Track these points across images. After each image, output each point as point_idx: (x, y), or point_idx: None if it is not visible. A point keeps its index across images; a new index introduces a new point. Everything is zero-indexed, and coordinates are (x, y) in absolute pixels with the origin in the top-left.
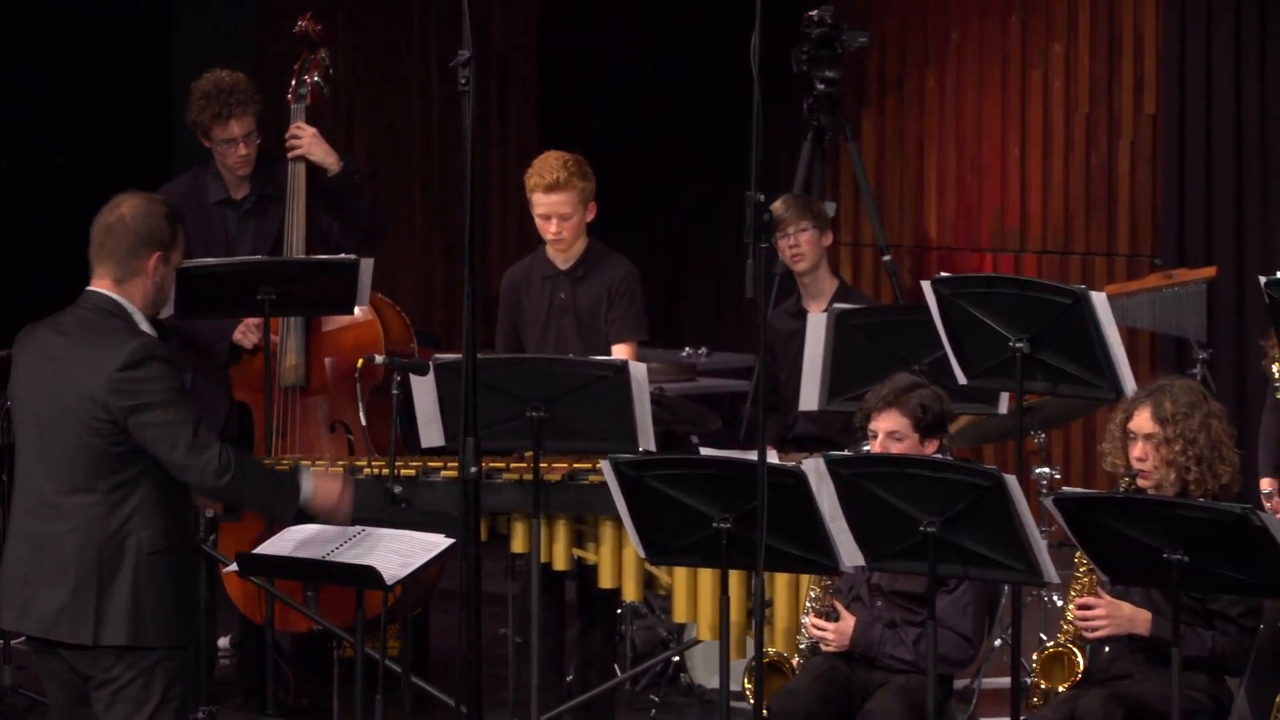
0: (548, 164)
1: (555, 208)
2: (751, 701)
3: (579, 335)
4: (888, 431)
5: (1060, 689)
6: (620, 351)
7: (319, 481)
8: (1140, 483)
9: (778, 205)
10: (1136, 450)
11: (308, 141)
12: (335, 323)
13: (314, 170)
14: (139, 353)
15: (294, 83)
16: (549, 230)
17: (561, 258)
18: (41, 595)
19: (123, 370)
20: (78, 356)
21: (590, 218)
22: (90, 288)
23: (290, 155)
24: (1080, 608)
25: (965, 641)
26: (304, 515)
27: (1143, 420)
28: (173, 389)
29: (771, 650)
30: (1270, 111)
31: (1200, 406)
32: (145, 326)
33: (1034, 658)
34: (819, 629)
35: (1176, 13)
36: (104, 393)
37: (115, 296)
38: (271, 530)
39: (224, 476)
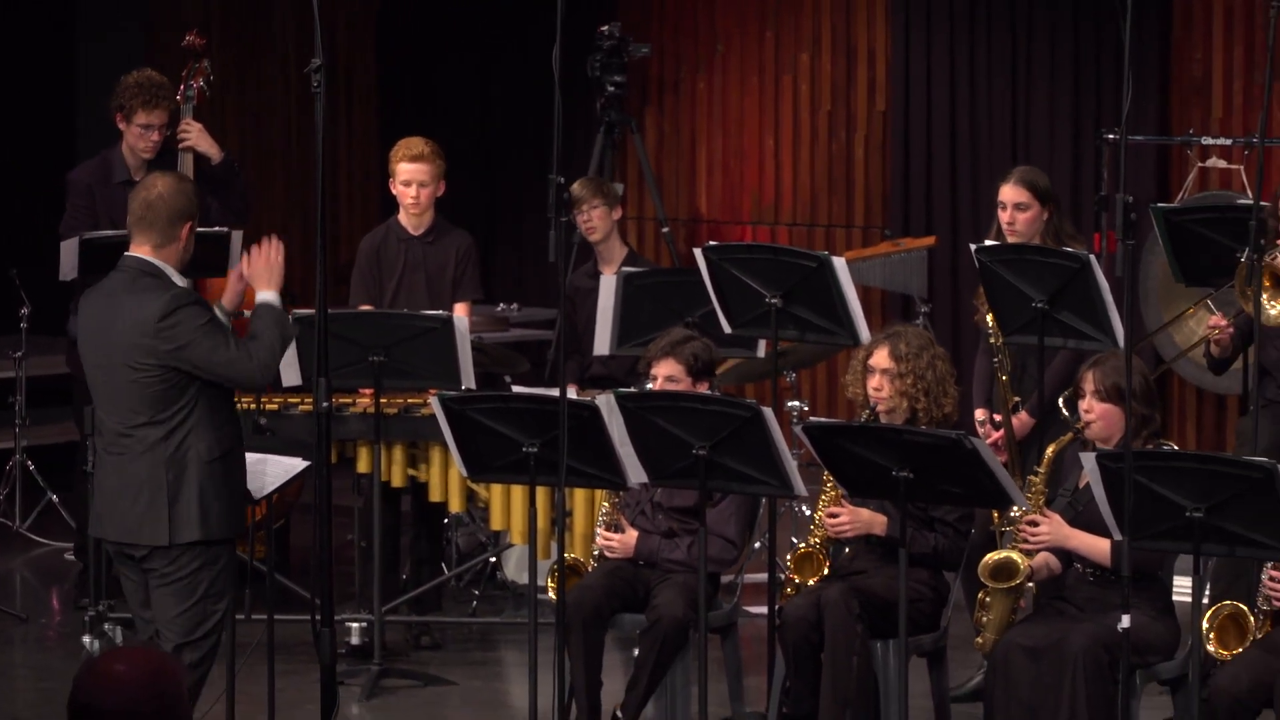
0: (413, 141)
1: (416, 175)
2: (554, 595)
3: (427, 289)
4: (666, 376)
5: (809, 583)
6: (461, 307)
7: (263, 286)
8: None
9: (575, 187)
10: (874, 382)
11: (195, 136)
12: (212, 283)
13: (200, 159)
14: (172, 304)
15: (182, 87)
16: (408, 195)
17: (414, 224)
18: (121, 508)
19: (162, 320)
20: (123, 313)
21: (439, 193)
22: (129, 253)
23: (180, 146)
24: (829, 515)
25: (730, 545)
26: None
27: (881, 358)
28: (201, 325)
29: (570, 555)
30: (978, 109)
31: (928, 349)
32: (178, 280)
33: (788, 557)
34: (606, 541)
35: (901, 29)
36: (150, 340)
37: (152, 260)
38: None
39: (265, 372)
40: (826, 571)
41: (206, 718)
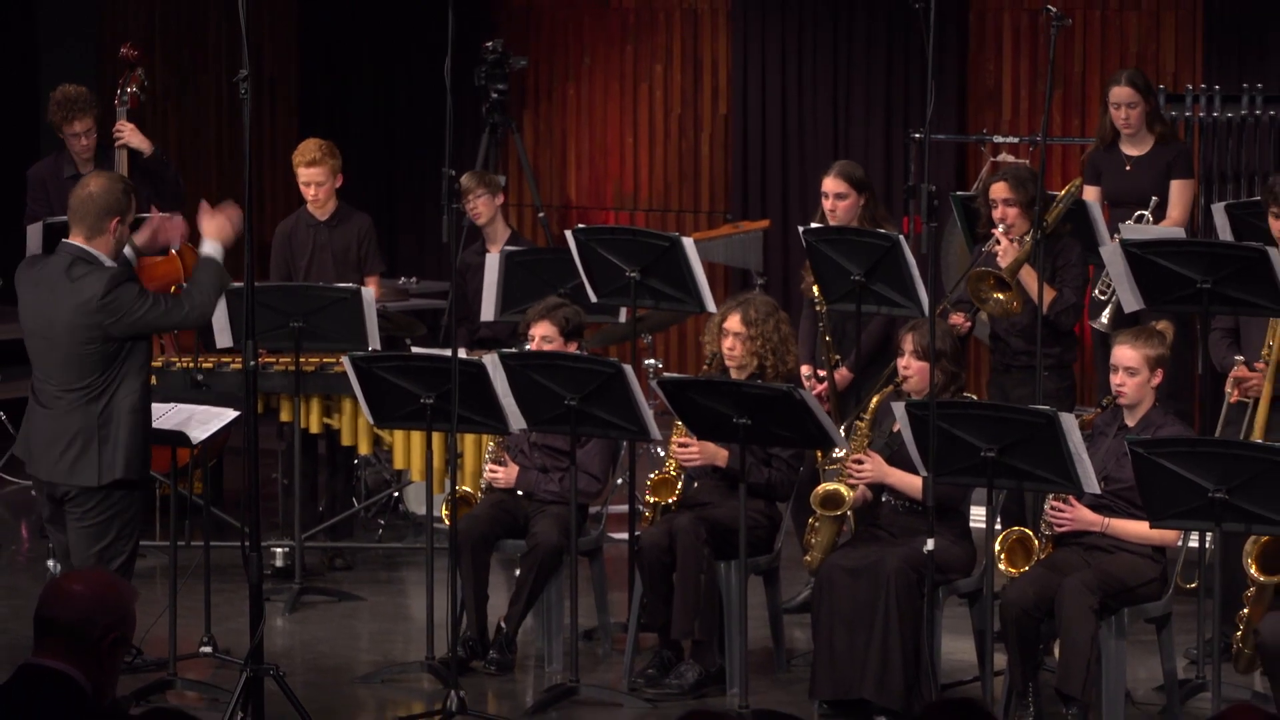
0: (308, 146)
1: (313, 177)
2: (447, 524)
3: (334, 267)
4: (542, 336)
5: (667, 501)
6: (371, 280)
7: (214, 238)
8: (728, 363)
9: (463, 178)
10: (727, 343)
11: (128, 134)
12: (151, 260)
13: (134, 154)
14: (110, 283)
15: (118, 92)
16: (309, 193)
17: (319, 213)
18: (54, 453)
19: (104, 298)
20: (64, 298)
21: (338, 184)
22: (67, 240)
23: (116, 144)
24: (679, 445)
25: (594, 479)
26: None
27: (734, 322)
28: (137, 294)
29: (462, 488)
30: (805, 112)
31: (773, 315)
32: (109, 264)
33: (649, 479)
34: (492, 473)
35: (740, 44)
36: (95, 315)
37: (87, 247)
38: None
39: (200, 314)
40: (679, 490)
41: (151, 631)
